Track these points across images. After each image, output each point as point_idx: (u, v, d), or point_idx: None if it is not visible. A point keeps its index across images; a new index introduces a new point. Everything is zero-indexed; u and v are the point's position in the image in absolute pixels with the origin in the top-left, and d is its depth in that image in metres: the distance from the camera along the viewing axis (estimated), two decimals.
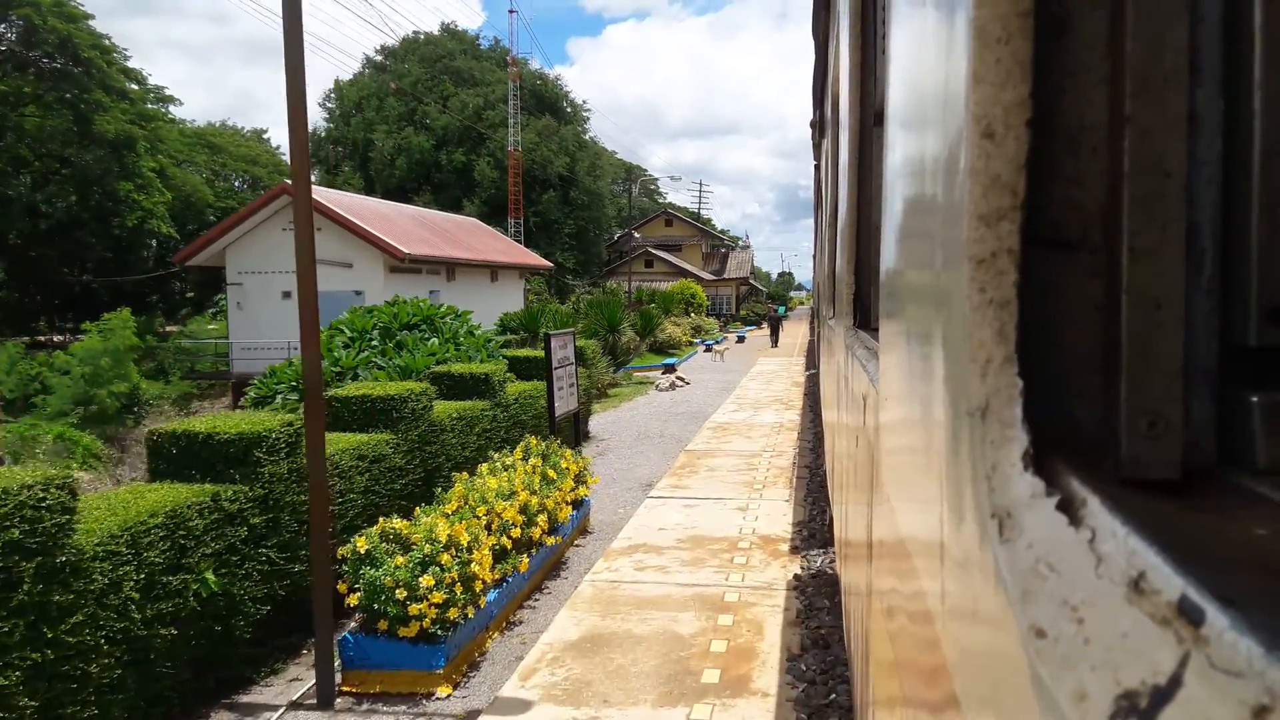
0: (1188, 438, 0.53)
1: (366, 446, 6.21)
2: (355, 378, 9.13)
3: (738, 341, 38.84)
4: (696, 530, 7.41)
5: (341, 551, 4.81)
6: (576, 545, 7.31)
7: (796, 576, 6.12)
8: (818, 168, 9.88)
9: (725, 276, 61.32)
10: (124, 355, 23.27)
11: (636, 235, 57.57)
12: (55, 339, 33.26)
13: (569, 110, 64.54)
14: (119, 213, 34.46)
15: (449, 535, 4.89)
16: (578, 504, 7.25)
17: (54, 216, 34.28)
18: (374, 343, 10.08)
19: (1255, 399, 0.51)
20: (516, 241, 44.02)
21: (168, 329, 36.60)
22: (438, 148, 56.41)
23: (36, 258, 34.08)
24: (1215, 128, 0.51)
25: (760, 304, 67.47)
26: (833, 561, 6.09)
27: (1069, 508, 0.49)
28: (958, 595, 0.71)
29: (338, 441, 5.94)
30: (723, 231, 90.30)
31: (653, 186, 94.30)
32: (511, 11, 56.97)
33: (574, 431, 9.03)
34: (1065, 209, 0.57)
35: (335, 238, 24.77)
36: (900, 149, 1.08)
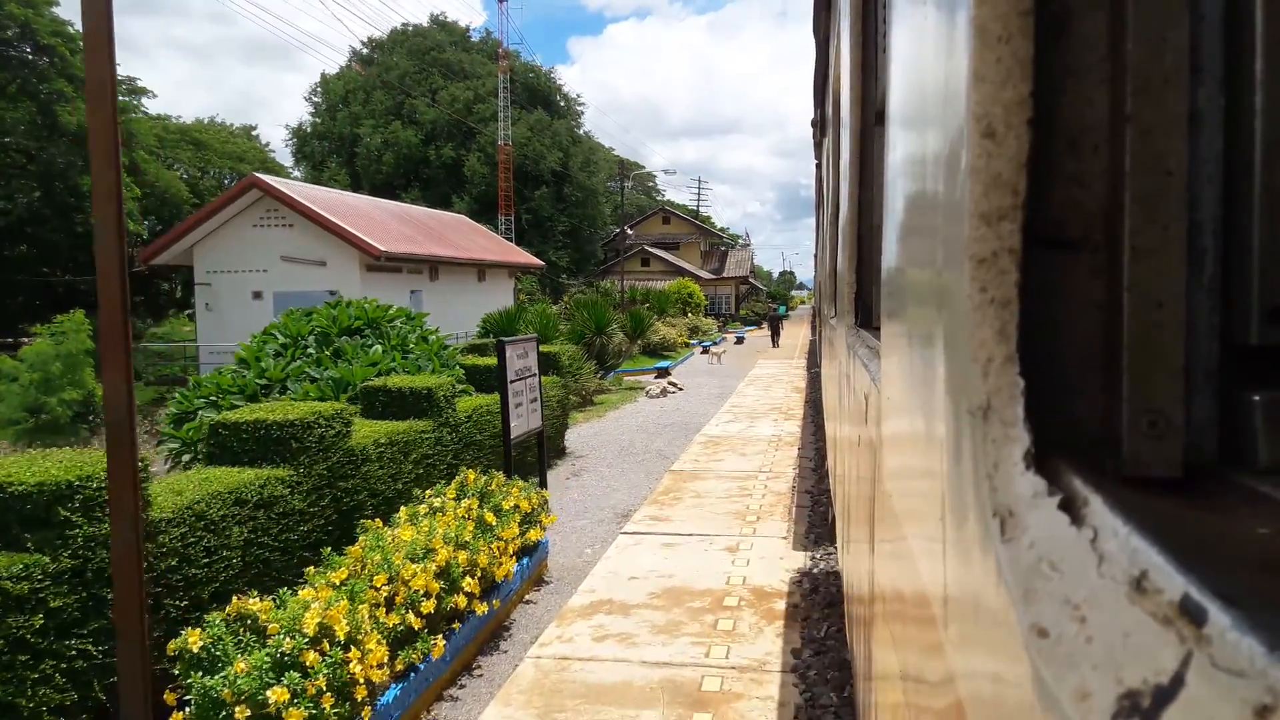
0: (1189, 437, 0.53)
1: (249, 488, 4.82)
2: (284, 392, 7.96)
3: (736, 342, 37.04)
4: (674, 580, 6.10)
5: (172, 646, 3.47)
6: (527, 601, 6.00)
7: (795, 651, 4.88)
8: (819, 167, 9.89)
9: (724, 275, 59.24)
10: (78, 360, 21.24)
11: (630, 232, 55.34)
12: None
13: (562, 104, 62.28)
14: (82, 209, 32.34)
15: (320, 623, 3.58)
16: (529, 550, 6.12)
17: (14, 213, 32.67)
18: (309, 350, 8.62)
19: (1256, 398, 0.51)
20: (507, 240, 42.53)
21: (153, 331, 35.15)
22: (426, 143, 54.31)
23: (7, 257, 32.78)
24: (1216, 126, 0.51)
25: (760, 303, 65.33)
26: (841, 631, 5.18)
27: (1071, 507, 0.49)
28: (959, 594, 0.71)
29: (209, 483, 4.68)
30: (723, 229, 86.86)
31: (650, 183, 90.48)
32: (501, 0, 54.53)
33: (539, 452, 7.86)
34: (1066, 208, 0.57)
35: (308, 234, 23.44)
36: (901, 148, 1.08)
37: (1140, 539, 0.41)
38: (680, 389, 18.95)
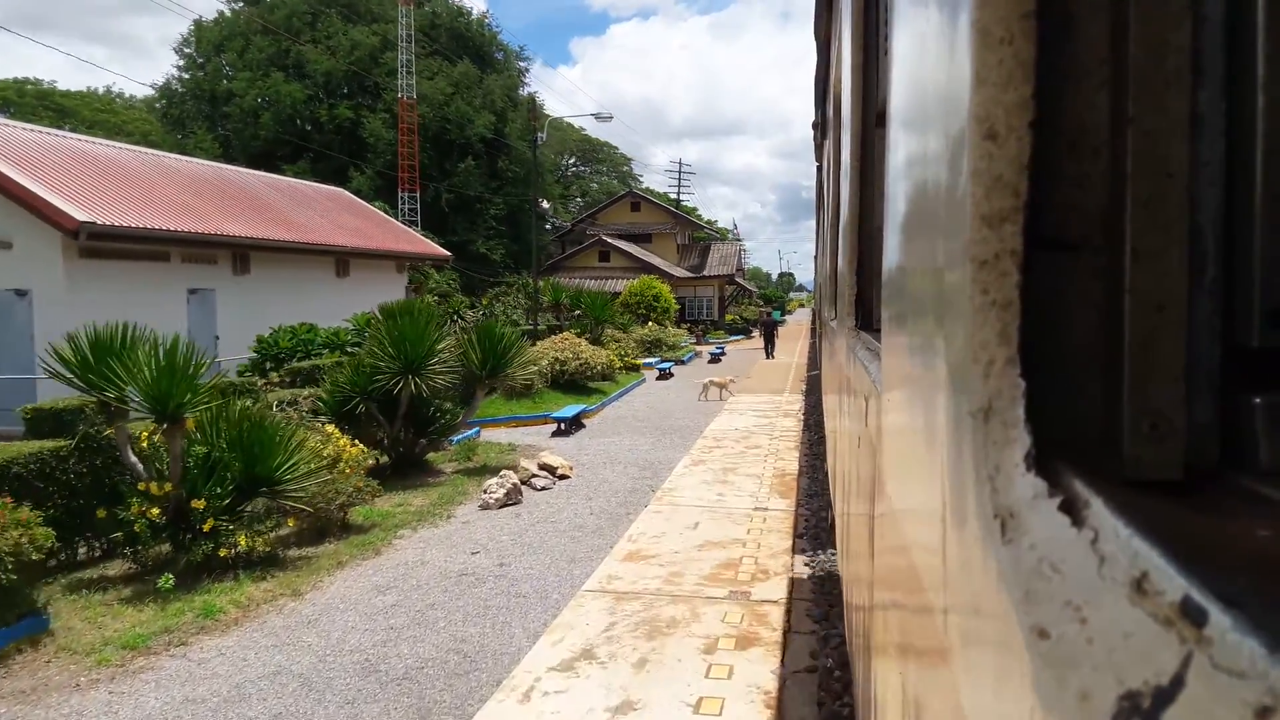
0: (1190, 439, 0.53)
1: None
2: None
3: (710, 361, 27.99)
4: None
5: None
6: None
7: None
8: (819, 169, 9.89)
9: (706, 274, 47.41)
10: None
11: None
12: None
13: (499, 56, 49.65)
14: None
15: None
16: None
17: None
18: None
19: (1257, 400, 0.51)
20: (409, 224, 32.69)
21: None
22: (316, 100, 42.69)
23: None
24: (1218, 129, 0.51)
25: (751, 306, 55.02)
26: None
27: (1072, 508, 0.49)
28: (960, 596, 0.71)
29: None
30: (709, 222, 75.14)
31: (625, 167, 76.11)
32: None
33: None
34: (1068, 210, 0.57)
35: None
36: (902, 150, 1.08)
37: (1141, 541, 0.41)
38: (563, 476, 10.45)
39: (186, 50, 46.99)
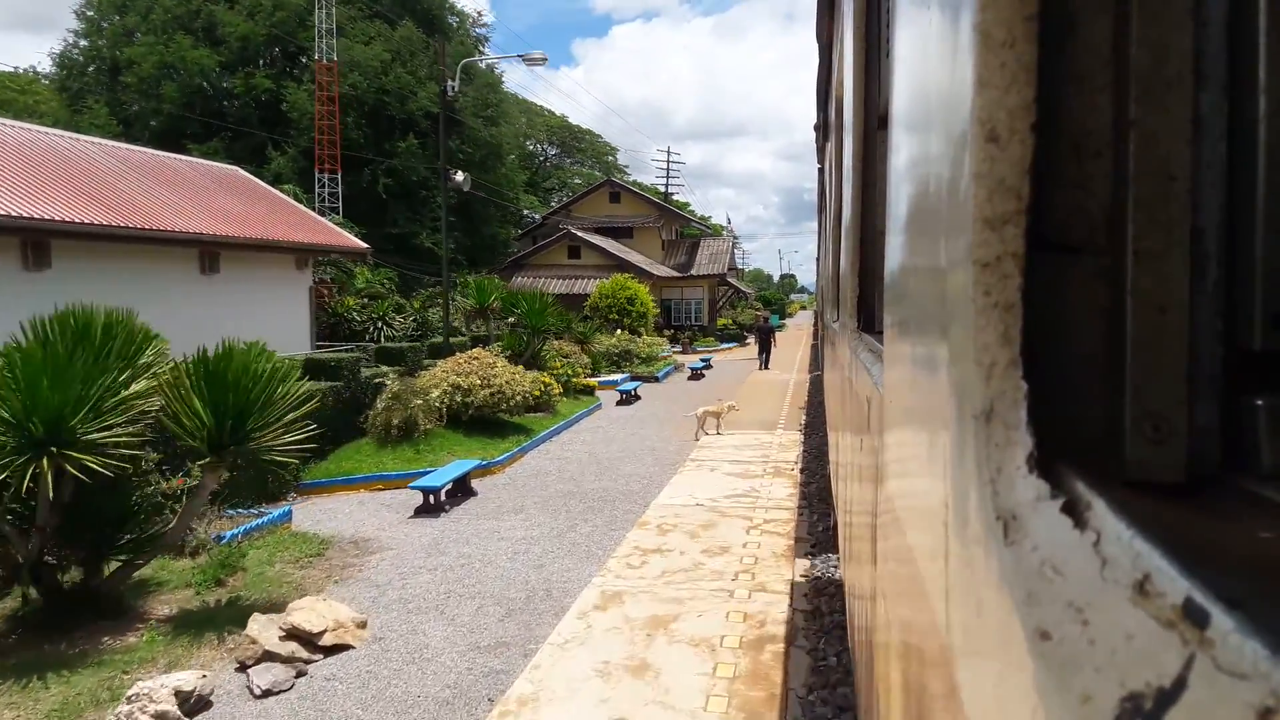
0: (1192, 441, 0.53)
1: None
2: None
3: (691, 378, 23.35)
4: None
5: None
6: None
7: None
8: (821, 171, 9.90)
9: (694, 273, 40.84)
10: None
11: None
12: None
13: (454, 22, 43.50)
14: None
15: None
16: None
17: None
18: None
19: (1260, 403, 0.51)
20: (327, 212, 27.70)
21: None
22: (230, 70, 36.76)
23: None
24: (1220, 131, 0.51)
25: (746, 309, 48.80)
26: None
27: (1074, 510, 0.49)
28: (962, 597, 0.71)
29: None
30: (703, 218, 67.98)
31: (610, 157, 65.33)
32: None
33: None
34: (1070, 213, 0.58)
35: None
36: (904, 152, 1.08)
37: (1143, 542, 0.41)
38: (338, 646, 5.43)
39: (89, 13, 39.75)
